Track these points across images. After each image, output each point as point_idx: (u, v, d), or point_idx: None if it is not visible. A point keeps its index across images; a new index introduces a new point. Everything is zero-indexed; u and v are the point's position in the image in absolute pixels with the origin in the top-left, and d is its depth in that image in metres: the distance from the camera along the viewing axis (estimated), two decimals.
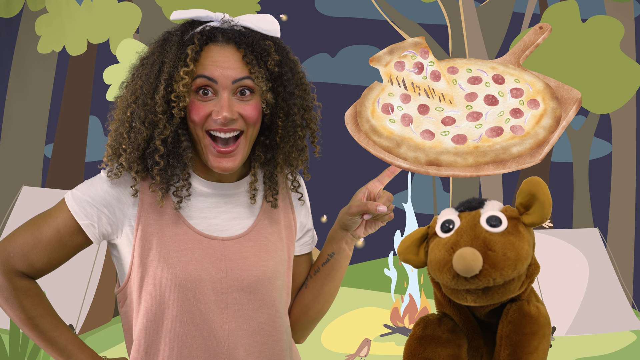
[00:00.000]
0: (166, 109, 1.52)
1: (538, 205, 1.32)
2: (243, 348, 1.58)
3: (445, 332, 1.38)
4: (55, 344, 1.60)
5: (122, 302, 1.63)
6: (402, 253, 1.40)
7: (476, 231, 1.30)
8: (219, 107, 1.52)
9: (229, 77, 1.52)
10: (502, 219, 1.32)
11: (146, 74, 1.55)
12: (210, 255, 1.57)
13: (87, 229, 1.57)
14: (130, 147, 1.53)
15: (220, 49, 1.53)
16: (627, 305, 5.67)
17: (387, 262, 5.41)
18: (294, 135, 1.60)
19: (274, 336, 1.62)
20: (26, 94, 6.22)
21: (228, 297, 1.57)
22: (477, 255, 1.26)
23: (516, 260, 1.28)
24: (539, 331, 1.31)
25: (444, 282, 1.31)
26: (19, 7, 6.15)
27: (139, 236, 1.56)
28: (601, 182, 6.44)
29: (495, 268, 1.27)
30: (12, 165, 6.19)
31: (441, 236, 1.34)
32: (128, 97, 1.57)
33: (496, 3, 6.39)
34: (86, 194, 1.57)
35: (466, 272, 1.26)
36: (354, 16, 6.39)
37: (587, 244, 5.75)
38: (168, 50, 1.53)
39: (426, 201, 6.33)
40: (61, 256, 1.60)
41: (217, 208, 1.60)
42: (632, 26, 6.32)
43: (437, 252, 1.33)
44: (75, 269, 5.12)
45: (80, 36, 5.85)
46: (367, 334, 5.07)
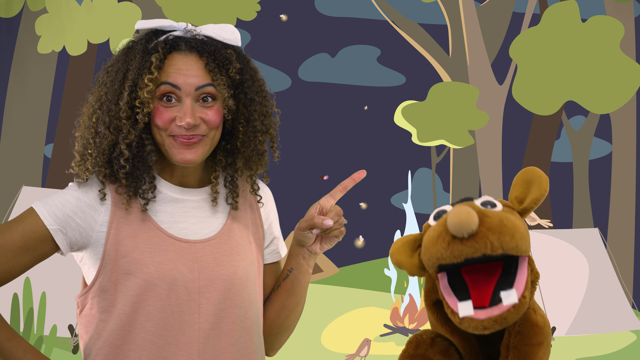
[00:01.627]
0: (130, 115, 1.57)
1: (535, 184, 1.28)
2: (213, 348, 1.59)
3: (437, 354, 1.33)
4: (12, 355, 1.55)
5: (82, 306, 1.63)
6: (393, 255, 1.32)
7: (471, 205, 1.25)
8: (182, 113, 1.56)
9: (192, 85, 1.57)
10: (497, 204, 1.27)
11: (111, 80, 1.60)
12: (182, 256, 1.59)
13: (56, 234, 1.56)
14: (95, 152, 1.57)
15: (184, 57, 1.58)
16: (627, 305, 5.67)
17: (387, 262, 5.41)
18: (254, 140, 1.64)
19: (245, 337, 1.63)
20: (26, 94, 6.22)
21: (200, 297, 1.58)
22: (472, 212, 1.19)
23: (513, 229, 1.21)
24: (544, 341, 1.27)
25: (438, 255, 1.23)
26: (19, 7, 6.15)
27: (111, 240, 1.57)
28: (601, 182, 6.44)
29: (492, 231, 1.20)
30: (12, 165, 6.20)
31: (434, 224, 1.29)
32: (93, 104, 1.61)
33: (496, 3, 6.39)
34: (56, 200, 1.58)
35: (461, 228, 1.18)
36: (354, 16, 6.39)
37: (587, 244, 5.75)
38: (132, 58, 1.59)
39: (426, 201, 6.33)
40: (21, 265, 1.56)
41: (185, 213, 1.63)
42: (632, 26, 6.32)
43: (430, 232, 1.26)
44: (75, 269, 5.12)
45: (80, 36, 5.86)
46: (367, 334, 5.07)
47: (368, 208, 6.09)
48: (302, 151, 6.00)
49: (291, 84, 6.30)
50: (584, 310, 5.45)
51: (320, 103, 6.44)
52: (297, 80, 6.32)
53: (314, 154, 6.16)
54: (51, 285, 4.95)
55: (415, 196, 5.44)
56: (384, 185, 6.25)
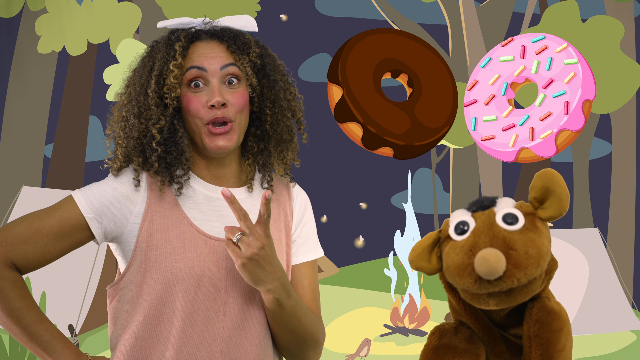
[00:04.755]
0: (159, 103, 1.61)
1: (554, 198, 1.27)
2: (238, 348, 1.59)
3: (463, 342, 1.32)
4: (39, 338, 1.58)
5: (112, 297, 1.64)
6: (413, 261, 1.32)
7: (494, 230, 1.24)
8: (210, 94, 1.61)
9: (217, 64, 1.62)
10: (519, 216, 1.26)
11: (138, 77, 1.65)
12: (212, 254, 1.60)
13: (92, 222, 1.59)
14: (126, 141, 1.62)
15: (206, 43, 1.65)
16: (627, 305, 5.67)
17: (387, 262, 5.41)
18: (282, 119, 1.69)
19: (268, 339, 1.63)
20: (26, 94, 6.22)
21: (227, 296, 1.59)
22: (500, 256, 1.20)
23: (538, 257, 1.24)
24: (564, 327, 1.27)
25: (465, 287, 1.25)
26: (19, 7, 6.15)
27: (144, 232, 1.59)
28: (601, 182, 6.44)
29: (518, 268, 1.21)
30: (12, 165, 6.20)
31: (456, 239, 1.27)
32: (122, 100, 1.67)
33: (496, 3, 6.39)
34: (94, 190, 1.61)
35: (490, 275, 1.19)
36: (354, 16, 6.39)
37: (587, 244, 5.75)
38: (157, 52, 1.65)
39: (426, 201, 6.33)
40: (57, 250, 1.59)
41: (218, 212, 1.64)
42: (632, 26, 6.32)
43: (454, 256, 1.26)
44: (75, 269, 5.12)
45: (80, 36, 5.85)
46: (367, 334, 5.07)
47: (368, 208, 6.08)
48: (301, 151, 5.99)
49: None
50: (584, 310, 5.45)
51: (320, 103, 6.43)
52: (297, 80, 6.32)
53: (314, 153, 6.15)
54: (51, 285, 4.95)
55: (415, 196, 5.44)
56: (384, 185, 6.25)
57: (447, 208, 6.34)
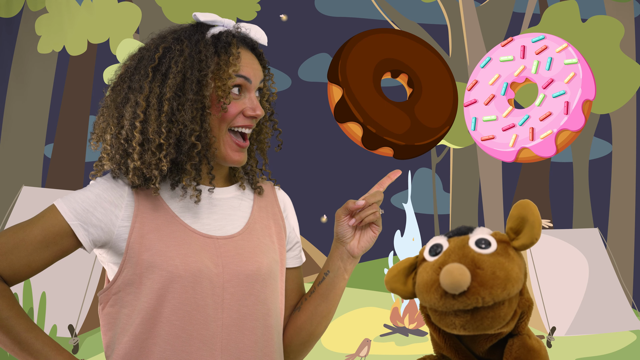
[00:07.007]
0: (209, 105, 1.62)
1: (528, 226, 1.29)
2: (237, 345, 1.59)
3: None
4: (30, 346, 1.54)
5: (104, 303, 1.62)
6: (389, 282, 1.35)
7: (464, 251, 1.27)
8: (251, 104, 1.65)
9: (258, 78, 1.67)
10: (492, 241, 1.29)
11: (172, 73, 1.59)
12: (206, 251, 1.60)
13: (77, 229, 1.57)
14: (167, 142, 1.58)
15: (247, 52, 1.68)
16: (627, 305, 5.67)
17: (387, 262, 5.41)
18: (269, 130, 1.77)
19: (266, 336, 1.64)
20: (26, 94, 6.22)
21: (224, 292, 1.59)
22: (465, 270, 1.22)
23: (505, 280, 1.24)
24: None
25: (432, 304, 1.26)
26: (19, 7, 6.15)
27: (136, 234, 1.58)
28: (601, 182, 6.44)
29: (484, 286, 1.23)
30: (12, 165, 6.19)
31: (429, 260, 1.30)
32: (164, 91, 1.59)
33: (496, 3, 6.39)
34: (76, 197, 1.60)
35: (453, 288, 1.21)
36: (354, 16, 6.39)
37: (587, 244, 5.76)
38: (203, 48, 1.62)
39: (426, 201, 6.33)
40: (42, 259, 1.57)
41: (209, 210, 1.65)
42: (632, 26, 6.32)
43: (424, 274, 1.29)
44: (75, 269, 5.12)
45: (80, 36, 5.85)
46: (367, 334, 5.07)
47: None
48: (301, 151, 6.01)
49: (291, 84, 6.30)
50: (584, 310, 5.45)
51: (320, 103, 6.43)
52: (297, 80, 6.33)
53: (314, 153, 6.16)
54: (51, 285, 4.95)
55: (415, 196, 5.44)
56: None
57: (447, 208, 6.34)
